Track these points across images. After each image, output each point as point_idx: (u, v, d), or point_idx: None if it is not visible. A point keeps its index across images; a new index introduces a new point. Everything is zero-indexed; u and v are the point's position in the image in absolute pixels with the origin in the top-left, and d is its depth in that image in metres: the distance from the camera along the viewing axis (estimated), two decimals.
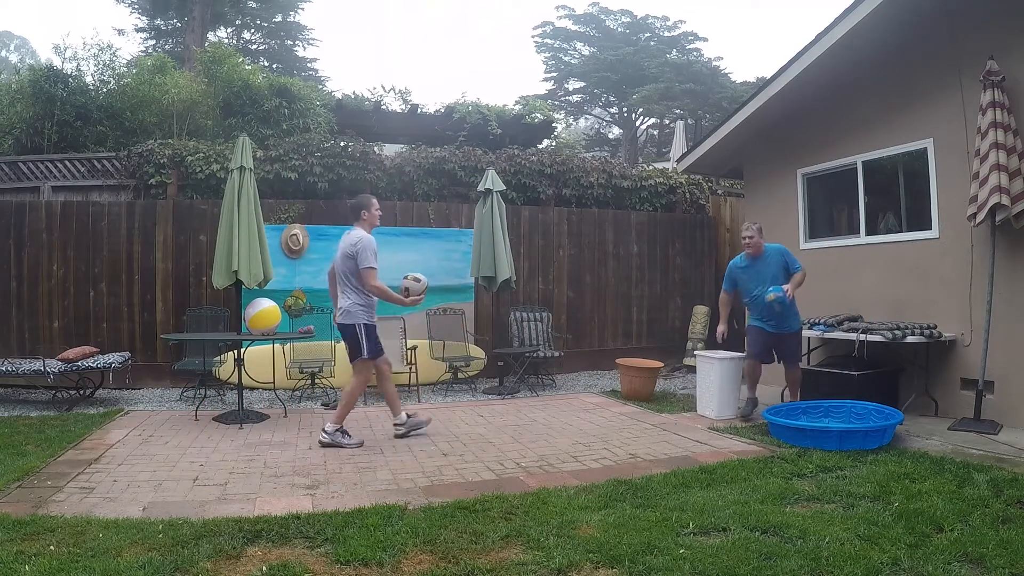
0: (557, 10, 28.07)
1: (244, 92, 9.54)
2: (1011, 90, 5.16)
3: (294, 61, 23.92)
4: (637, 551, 2.83)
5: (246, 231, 6.30)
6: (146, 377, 7.40)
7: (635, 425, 5.62)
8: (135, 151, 8.00)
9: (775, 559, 2.75)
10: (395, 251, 8.03)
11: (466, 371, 7.63)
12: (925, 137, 5.97)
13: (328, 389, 7.11)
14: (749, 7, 67.17)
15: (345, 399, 4.94)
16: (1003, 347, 5.26)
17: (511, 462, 4.46)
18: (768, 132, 7.63)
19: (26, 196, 7.72)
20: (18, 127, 8.77)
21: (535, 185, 9.06)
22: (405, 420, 5.15)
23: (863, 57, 6.27)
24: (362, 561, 2.77)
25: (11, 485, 3.75)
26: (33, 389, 6.90)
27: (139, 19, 22.23)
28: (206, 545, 2.89)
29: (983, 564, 2.72)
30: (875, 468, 4.07)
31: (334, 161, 8.21)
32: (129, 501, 3.57)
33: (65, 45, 16.81)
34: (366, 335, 4.90)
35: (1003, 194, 4.91)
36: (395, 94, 11.35)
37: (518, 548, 2.92)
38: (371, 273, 4.82)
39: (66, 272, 7.35)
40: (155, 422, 5.61)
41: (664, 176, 10.02)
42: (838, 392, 5.64)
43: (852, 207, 6.84)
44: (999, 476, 3.82)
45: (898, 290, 6.22)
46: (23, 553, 2.78)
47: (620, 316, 9.24)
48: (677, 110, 24.90)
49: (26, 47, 46.37)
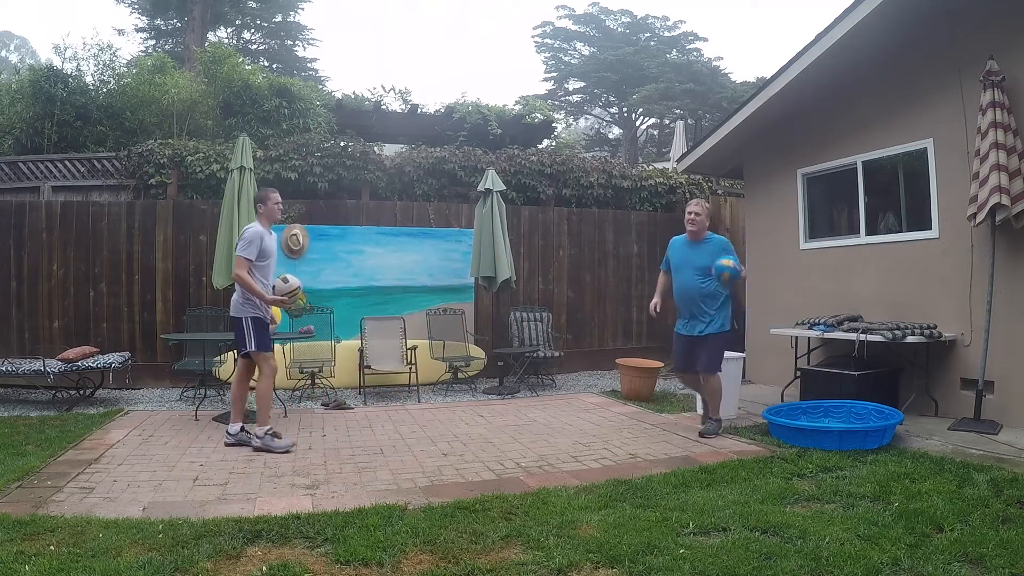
0: (557, 10, 28.12)
1: (244, 92, 9.54)
2: (1011, 90, 5.16)
3: (294, 61, 23.93)
4: (637, 551, 2.83)
5: None
6: (146, 377, 7.40)
7: (635, 425, 5.62)
8: (135, 151, 8.00)
9: (775, 559, 2.74)
10: (395, 251, 8.06)
11: (466, 371, 7.63)
12: (925, 137, 5.97)
13: (328, 389, 7.11)
14: (749, 7, 67.23)
15: (258, 401, 4.84)
16: (1003, 347, 5.26)
17: (511, 462, 4.46)
18: (768, 132, 7.63)
19: (26, 196, 7.72)
20: (18, 127, 8.77)
21: (535, 185, 9.06)
22: (237, 431, 4.85)
23: (863, 57, 6.27)
24: (362, 561, 2.77)
25: (11, 485, 3.75)
26: (33, 389, 6.90)
27: (139, 19, 22.26)
28: (206, 545, 2.89)
29: (983, 564, 2.71)
30: (875, 468, 4.07)
31: (334, 161, 8.22)
32: (129, 501, 3.57)
33: (65, 45, 16.89)
34: (253, 328, 4.78)
35: (1003, 194, 4.91)
36: (395, 94, 11.35)
37: (518, 548, 2.92)
38: (239, 260, 4.76)
39: (66, 272, 7.35)
40: (155, 422, 5.61)
41: (664, 176, 10.01)
42: (838, 392, 5.64)
43: (852, 207, 6.84)
44: (999, 476, 3.82)
45: (898, 290, 6.22)
46: (23, 553, 2.78)
47: (620, 316, 9.24)
48: (677, 110, 24.91)
49: (26, 47, 46.41)
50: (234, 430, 4.85)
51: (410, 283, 8.09)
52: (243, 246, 4.79)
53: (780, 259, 7.68)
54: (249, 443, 4.77)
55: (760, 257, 8.12)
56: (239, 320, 4.80)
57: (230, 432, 4.86)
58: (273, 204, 5.01)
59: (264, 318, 4.87)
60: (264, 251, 4.86)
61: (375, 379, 7.26)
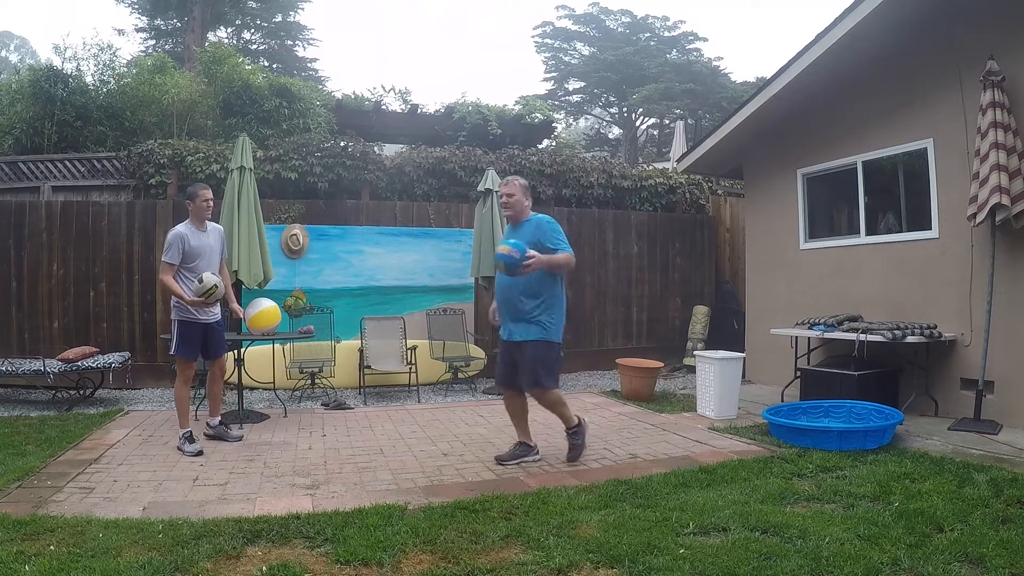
0: (557, 10, 28.16)
1: (244, 92, 9.54)
2: (1011, 90, 5.16)
3: (294, 61, 23.95)
4: (637, 551, 2.83)
5: (246, 231, 6.31)
6: (146, 377, 7.39)
7: (635, 425, 5.62)
8: (135, 151, 8.00)
9: (775, 559, 2.74)
10: (395, 251, 8.06)
11: (466, 371, 7.63)
12: (925, 137, 5.97)
13: (328, 389, 7.11)
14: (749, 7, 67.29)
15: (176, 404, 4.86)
16: (1003, 347, 5.26)
17: None
18: (768, 132, 7.63)
19: (26, 196, 7.71)
20: (18, 127, 8.76)
21: (535, 185, 9.04)
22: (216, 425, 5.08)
23: (863, 57, 6.27)
24: (362, 561, 2.77)
25: (11, 485, 3.75)
26: (33, 389, 6.90)
27: (139, 19, 22.27)
28: (206, 545, 2.89)
29: (983, 564, 2.71)
30: (875, 468, 4.07)
31: (334, 161, 8.21)
32: (129, 501, 3.57)
33: (65, 45, 16.75)
34: (177, 331, 4.80)
35: (1003, 194, 4.91)
36: (395, 94, 11.37)
37: (518, 548, 2.92)
38: (162, 267, 4.79)
39: (66, 272, 7.35)
40: (155, 422, 5.61)
41: (664, 176, 10.01)
42: (838, 392, 5.64)
43: (852, 207, 6.84)
44: (999, 476, 3.82)
45: (898, 290, 6.22)
46: (23, 553, 2.78)
47: (620, 316, 9.24)
48: (677, 110, 24.92)
49: (26, 47, 46.43)
50: (213, 422, 5.11)
51: (410, 283, 8.09)
52: (166, 249, 4.79)
53: (780, 259, 7.68)
54: (226, 437, 5.02)
55: (760, 257, 8.12)
56: (171, 322, 4.92)
57: (209, 424, 5.08)
58: (201, 201, 4.91)
59: (195, 323, 4.81)
60: (191, 252, 4.81)
61: (375, 379, 7.26)
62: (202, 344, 4.91)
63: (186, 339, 4.81)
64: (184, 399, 4.82)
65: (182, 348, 4.82)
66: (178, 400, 4.83)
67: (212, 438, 5.02)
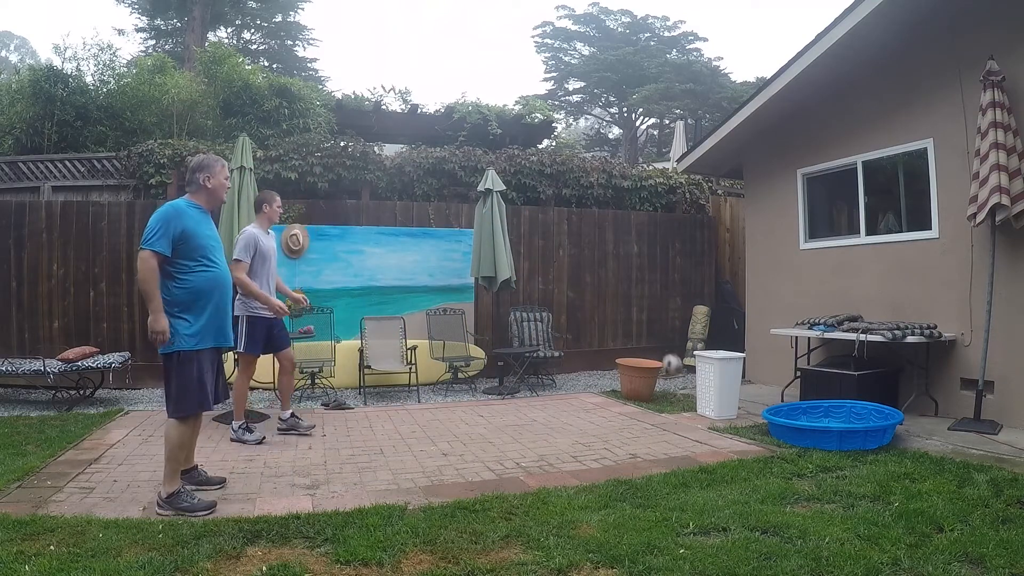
0: (557, 10, 28.16)
1: (244, 92, 9.54)
2: (1011, 90, 5.16)
3: (294, 61, 23.95)
4: (637, 551, 2.83)
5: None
6: (146, 377, 7.39)
7: (635, 425, 5.62)
8: (135, 151, 8.00)
9: (775, 559, 2.74)
10: (395, 251, 8.06)
11: (466, 371, 7.63)
12: (925, 137, 5.97)
13: (328, 389, 7.11)
14: (749, 7, 67.30)
15: (234, 397, 4.98)
16: (1003, 347, 5.26)
17: (511, 462, 4.46)
18: (768, 132, 7.63)
19: (26, 196, 7.71)
20: (18, 127, 8.76)
21: (535, 185, 9.06)
22: (288, 418, 5.21)
23: (863, 57, 6.27)
24: (362, 561, 2.77)
25: (11, 485, 3.74)
26: (33, 389, 6.89)
27: (139, 19, 22.26)
28: (206, 545, 2.89)
29: (983, 564, 2.71)
30: (875, 468, 4.07)
31: (334, 161, 8.21)
32: (129, 501, 3.57)
33: (65, 45, 16.74)
34: (246, 328, 4.93)
35: (1003, 194, 4.91)
36: (395, 94, 11.38)
37: (518, 548, 2.92)
38: (235, 265, 4.82)
39: (66, 272, 7.35)
40: (155, 422, 5.60)
41: (664, 176, 10.01)
42: (838, 392, 5.64)
43: (852, 207, 6.84)
44: (999, 476, 3.82)
45: (898, 290, 6.22)
46: (23, 553, 2.77)
47: (620, 316, 9.24)
48: (677, 110, 24.92)
49: (26, 47, 46.44)
50: (285, 415, 5.14)
51: (410, 283, 8.09)
52: (239, 249, 4.92)
53: (780, 259, 7.68)
54: (298, 429, 5.12)
55: (760, 257, 8.12)
56: (236, 318, 4.89)
57: (234, 429, 4.99)
58: (276, 207, 5.20)
59: (261, 317, 4.97)
60: (262, 253, 4.99)
61: (375, 379, 7.26)
62: (266, 339, 5.03)
63: (252, 335, 4.94)
64: (245, 393, 4.98)
65: (249, 344, 4.94)
66: (239, 394, 4.94)
67: (284, 431, 5.12)
